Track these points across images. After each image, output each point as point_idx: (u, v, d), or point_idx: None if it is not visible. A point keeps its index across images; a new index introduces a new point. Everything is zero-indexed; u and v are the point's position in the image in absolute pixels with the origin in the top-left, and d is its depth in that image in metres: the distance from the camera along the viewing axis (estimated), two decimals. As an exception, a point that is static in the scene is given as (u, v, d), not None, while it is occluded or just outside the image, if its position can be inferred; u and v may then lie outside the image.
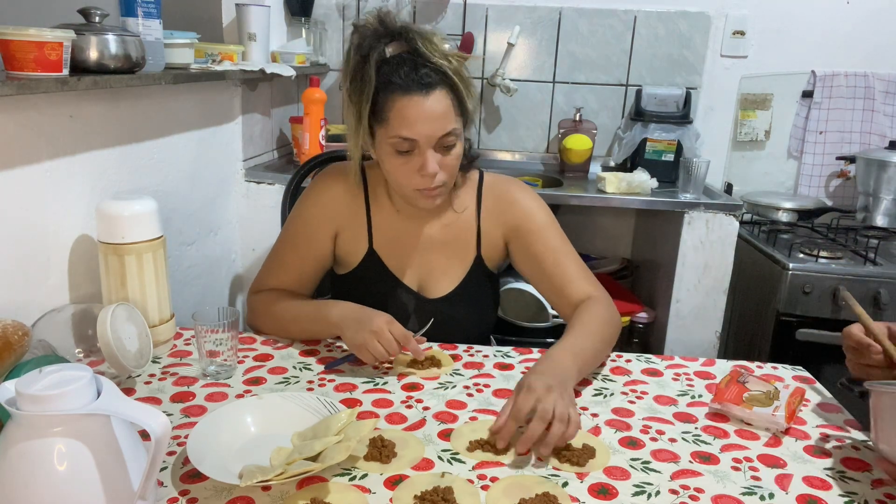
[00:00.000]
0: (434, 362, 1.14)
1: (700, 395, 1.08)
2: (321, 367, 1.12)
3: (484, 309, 1.32)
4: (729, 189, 2.42)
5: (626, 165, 2.27)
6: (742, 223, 2.11)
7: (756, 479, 0.86)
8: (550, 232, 1.24)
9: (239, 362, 1.13)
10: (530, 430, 0.87)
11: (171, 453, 0.86)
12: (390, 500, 0.79)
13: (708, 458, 0.90)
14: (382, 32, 1.09)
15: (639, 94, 2.33)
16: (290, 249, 1.28)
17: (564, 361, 1.02)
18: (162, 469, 0.82)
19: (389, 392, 1.05)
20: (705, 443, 0.94)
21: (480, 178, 1.28)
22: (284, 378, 1.09)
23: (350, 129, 1.14)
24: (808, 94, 2.39)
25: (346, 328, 1.11)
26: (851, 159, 2.33)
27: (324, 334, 1.20)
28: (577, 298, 1.20)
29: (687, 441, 0.94)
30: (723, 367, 1.18)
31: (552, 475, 0.85)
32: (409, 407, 1.01)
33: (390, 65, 1.07)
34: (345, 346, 1.20)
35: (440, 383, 1.08)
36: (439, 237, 1.26)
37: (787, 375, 1.17)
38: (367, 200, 1.26)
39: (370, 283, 1.25)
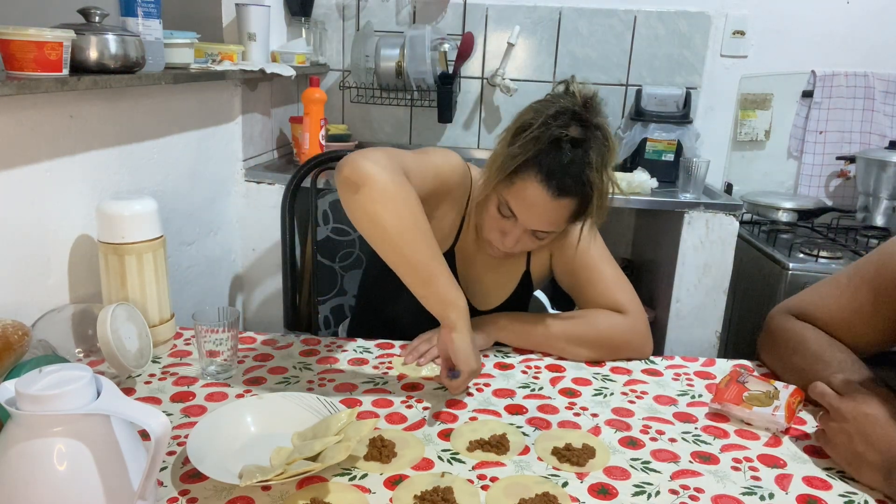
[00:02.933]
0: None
1: (700, 395, 1.08)
2: (321, 367, 1.12)
3: None
4: (729, 189, 2.42)
5: (626, 165, 2.27)
6: (742, 223, 2.12)
7: (756, 479, 0.86)
8: (590, 245, 1.22)
9: (239, 362, 1.13)
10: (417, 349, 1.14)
11: (171, 453, 0.86)
12: (390, 500, 0.79)
13: (708, 458, 0.90)
14: (579, 117, 1.07)
15: (639, 94, 2.33)
16: (416, 163, 1.09)
17: (497, 319, 1.20)
18: (162, 469, 0.82)
19: (389, 392, 1.05)
20: (705, 443, 0.94)
21: None
22: (284, 378, 1.09)
23: (493, 161, 1.11)
24: (808, 94, 2.39)
25: (461, 335, 0.99)
26: (851, 159, 2.33)
27: (412, 283, 0.99)
28: (606, 307, 1.21)
29: (687, 441, 0.94)
30: (723, 367, 1.19)
31: (552, 475, 0.85)
32: (410, 407, 1.01)
33: (558, 146, 1.05)
34: (341, 345, 1.20)
35: (440, 383, 1.08)
36: (493, 262, 1.27)
37: (787, 375, 1.17)
38: (467, 205, 1.25)
39: None
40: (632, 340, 1.19)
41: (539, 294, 1.55)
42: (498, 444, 0.89)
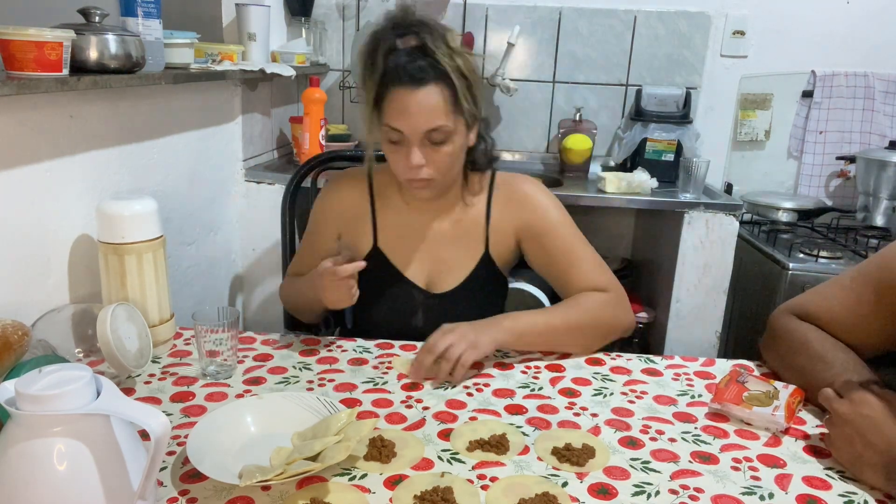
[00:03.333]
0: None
1: (700, 395, 1.08)
2: (321, 367, 1.13)
3: (490, 307, 1.31)
4: (729, 189, 2.42)
5: (626, 165, 2.27)
6: (742, 223, 2.11)
7: (756, 479, 0.86)
8: (564, 229, 1.25)
9: (239, 362, 1.13)
10: (416, 359, 1.08)
11: (170, 453, 0.86)
12: (390, 499, 0.79)
13: (708, 458, 0.90)
14: (399, 24, 1.11)
15: (639, 93, 2.33)
16: (304, 244, 1.38)
17: (501, 321, 1.15)
18: (162, 469, 0.82)
19: (389, 392, 1.05)
20: (705, 443, 0.94)
21: (492, 175, 1.29)
22: (284, 378, 1.09)
23: (365, 116, 1.17)
24: (808, 94, 2.39)
25: (314, 287, 1.17)
26: (851, 159, 2.33)
27: (313, 301, 1.23)
28: (587, 290, 1.22)
29: (687, 441, 0.94)
30: (723, 367, 1.18)
31: (552, 475, 0.85)
32: (409, 407, 1.01)
33: (395, 56, 1.09)
34: (341, 345, 1.21)
35: (440, 383, 1.08)
36: (448, 232, 1.27)
37: (787, 375, 1.17)
38: (373, 201, 1.28)
39: (374, 279, 1.25)
40: (619, 316, 1.21)
41: (538, 293, 1.54)
42: (498, 444, 0.89)
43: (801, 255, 1.92)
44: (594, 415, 1.00)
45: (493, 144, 1.26)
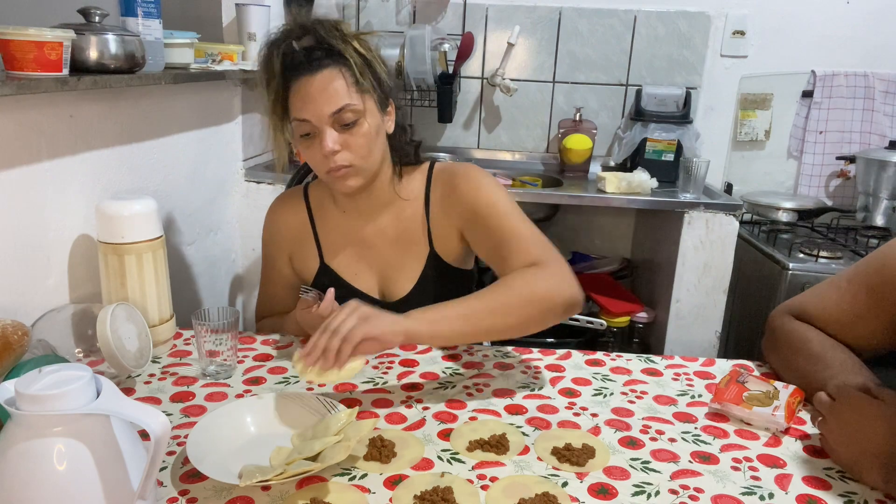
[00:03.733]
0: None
1: (700, 395, 1.08)
2: (321, 367, 1.12)
3: None
4: (729, 189, 2.42)
5: (626, 165, 2.27)
6: (742, 223, 2.12)
7: (756, 479, 0.86)
8: (499, 208, 1.15)
9: (239, 362, 1.13)
10: (310, 340, 0.93)
11: (170, 453, 0.86)
12: (390, 499, 0.79)
13: (708, 458, 0.90)
14: (292, 28, 1.11)
15: (639, 93, 2.33)
16: (263, 277, 1.37)
17: (412, 311, 0.98)
18: (162, 469, 0.82)
19: (389, 392, 1.05)
20: (705, 443, 0.94)
21: (431, 168, 1.26)
22: (284, 378, 1.09)
23: (270, 124, 1.16)
24: (808, 94, 2.39)
25: (302, 327, 1.17)
26: (851, 159, 2.33)
27: (307, 333, 1.18)
28: (521, 267, 1.09)
29: (687, 441, 0.94)
30: (723, 367, 1.18)
31: (552, 475, 0.85)
32: (409, 407, 1.01)
33: (291, 55, 1.10)
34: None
35: (440, 383, 1.08)
36: (391, 233, 1.24)
37: (787, 375, 1.17)
38: (311, 218, 1.29)
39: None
40: (557, 289, 1.05)
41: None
42: (498, 445, 0.89)
43: (801, 255, 1.92)
44: (594, 415, 1.00)
45: (413, 131, 1.25)
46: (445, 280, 1.25)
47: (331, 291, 1.11)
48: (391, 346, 0.95)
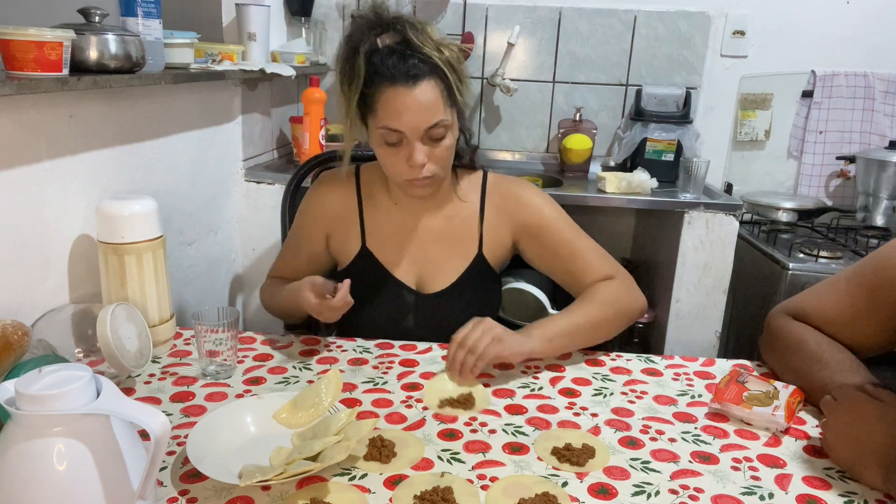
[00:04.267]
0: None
1: (700, 395, 1.08)
2: (321, 368, 1.12)
3: (483, 306, 1.31)
4: (729, 189, 2.42)
5: (626, 165, 2.27)
6: (742, 223, 2.12)
7: (756, 479, 0.86)
8: (561, 224, 1.25)
9: (239, 362, 1.13)
10: (448, 354, 1.07)
11: (170, 453, 0.86)
12: (390, 499, 0.79)
13: (708, 458, 0.90)
14: (375, 23, 1.10)
15: (639, 93, 2.33)
16: (289, 247, 1.37)
17: (530, 330, 1.14)
18: (162, 469, 0.82)
19: (389, 392, 1.05)
20: (705, 443, 0.94)
21: (485, 177, 1.29)
22: (284, 378, 1.09)
23: (341, 120, 1.17)
24: (808, 94, 2.39)
25: (303, 306, 1.13)
26: (851, 159, 2.33)
27: (296, 310, 1.22)
28: (595, 283, 1.22)
29: (687, 441, 0.94)
30: (723, 367, 1.18)
31: (552, 475, 0.85)
32: (409, 407, 1.01)
33: (380, 55, 1.08)
34: (341, 345, 1.21)
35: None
36: (439, 230, 1.27)
37: (787, 375, 1.17)
38: (360, 201, 1.28)
39: (363, 279, 1.24)
40: (634, 300, 1.22)
41: (539, 294, 1.54)
42: (465, 401, 1.00)
43: (801, 255, 1.92)
44: (594, 415, 1.00)
45: (470, 135, 1.26)
46: (484, 281, 1.29)
47: (346, 283, 1.10)
48: (514, 363, 1.13)
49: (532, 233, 1.26)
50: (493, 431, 0.94)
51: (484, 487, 0.81)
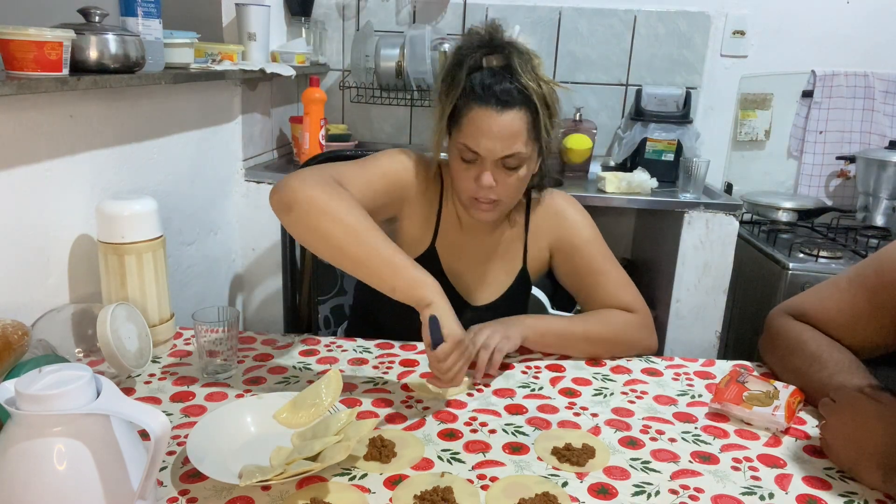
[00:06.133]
0: None
1: (700, 395, 1.08)
2: (321, 367, 1.12)
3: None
4: (729, 189, 2.42)
5: (626, 165, 2.27)
6: (742, 223, 2.11)
7: (756, 479, 0.86)
8: (594, 247, 1.25)
9: (239, 362, 1.13)
10: (480, 359, 1.06)
11: (170, 453, 0.86)
12: (390, 499, 0.79)
13: (708, 458, 0.90)
14: (485, 42, 1.10)
15: (639, 93, 2.32)
16: (357, 170, 1.12)
17: (524, 319, 1.17)
18: (162, 469, 0.82)
19: (389, 392, 1.05)
20: (705, 443, 0.94)
21: (528, 192, 1.28)
22: (284, 378, 1.09)
23: (434, 126, 1.16)
24: (808, 94, 2.39)
25: (438, 306, 0.95)
26: (851, 159, 2.33)
27: (377, 281, 0.97)
28: (610, 306, 1.23)
29: (687, 441, 0.94)
30: (723, 367, 1.18)
31: (552, 475, 0.85)
32: (409, 407, 1.01)
33: (480, 74, 1.09)
34: (341, 345, 1.20)
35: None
36: (492, 247, 1.28)
37: (787, 375, 1.17)
38: (441, 199, 1.26)
39: None
40: (643, 337, 1.23)
41: (539, 294, 1.55)
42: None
43: (801, 255, 1.92)
44: (594, 415, 1.00)
45: (549, 169, 1.24)
46: (524, 294, 1.33)
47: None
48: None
49: (565, 250, 1.27)
50: (493, 431, 0.94)
51: (484, 487, 0.81)
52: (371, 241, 0.96)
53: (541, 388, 1.08)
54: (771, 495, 0.82)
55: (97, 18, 1.16)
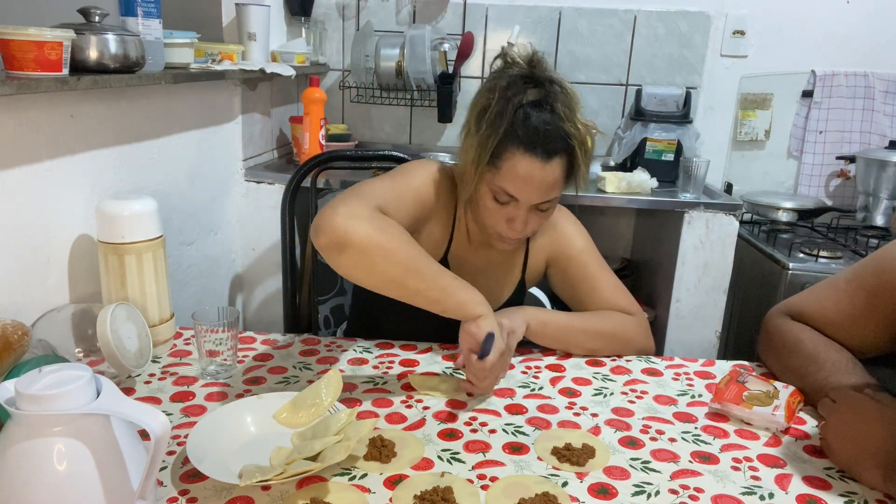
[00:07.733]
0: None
1: (700, 395, 1.08)
2: (321, 367, 1.13)
3: None
4: (729, 189, 2.42)
5: (626, 165, 2.27)
6: (742, 223, 2.11)
7: (756, 478, 0.86)
8: (587, 256, 1.27)
9: (239, 362, 1.13)
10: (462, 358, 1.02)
11: (170, 453, 0.86)
12: (390, 499, 0.79)
13: (708, 458, 0.90)
14: (528, 78, 1.07)
15: (639, 93, 2.32)
16: (393, 190, 1.11)
17: (526, 309, 1.16)
18: (162, 469, 0.82)
19: (389, 392, 1.05)
20: (705, 443, 0.94)
21: None
22: (284, 378, 1.09)
23: (466, 154, 1.11)
24: (808, 94, 2.39)
25: (488, 319, 1.00)
26: (851, 159, 2.33)
27: (428, 305, 1.00)
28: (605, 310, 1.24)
29: (687, 441, 0.94)
30: (723, 367, 1.19)
31: (552, 475, 0.85)
32: (409, 407, 1.01)
33: (526, 116, 1.05)
34: (341, 345, 1.20)
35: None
36: (496, 260, 1.28)
37: (787, 375, 1.17)
38: (456, 211, 1.24)
39: None
40: (639, 339, 1.24)
41: (538, 293, 1.55)
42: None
43: (801, 255, 1.92)
44: (594, 415, 1.00)
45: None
46: (519, 302, 1.32)
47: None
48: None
49: (560, 261, 1.28)
50: (493, 431, 0.94)
51: (484, 487, 0.81)
52: (426, 273, 0.99)
53: (541, 388, 1.08)
54: (771, 495, 0.82)
55: (97, 18, 1.16)
